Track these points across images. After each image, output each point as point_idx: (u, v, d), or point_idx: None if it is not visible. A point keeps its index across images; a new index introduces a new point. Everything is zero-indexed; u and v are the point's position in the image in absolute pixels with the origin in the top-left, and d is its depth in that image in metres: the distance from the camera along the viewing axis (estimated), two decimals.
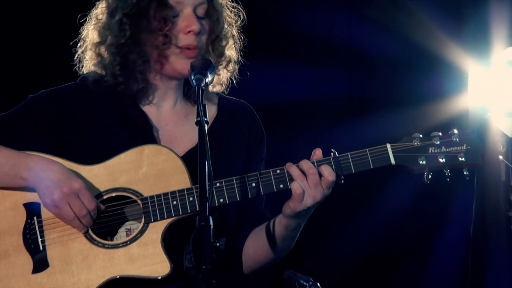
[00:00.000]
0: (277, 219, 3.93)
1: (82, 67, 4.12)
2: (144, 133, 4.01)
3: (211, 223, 3.26)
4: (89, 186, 3.85)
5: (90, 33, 4.09)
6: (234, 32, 4.15)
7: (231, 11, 4.16)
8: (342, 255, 6.50)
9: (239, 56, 4.16)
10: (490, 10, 5.99)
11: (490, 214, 6.08)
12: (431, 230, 6.42)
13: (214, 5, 4.04)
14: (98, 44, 4.05)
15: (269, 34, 4.18)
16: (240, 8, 4.18)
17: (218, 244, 3.24)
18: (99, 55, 4.04)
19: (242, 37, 4.18)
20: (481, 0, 6.04)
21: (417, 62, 6.21)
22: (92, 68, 4.08)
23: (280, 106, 6.22)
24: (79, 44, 4.12)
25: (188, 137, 4.05)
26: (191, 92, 4.12)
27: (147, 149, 3.89)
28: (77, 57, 4.13)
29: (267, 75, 4.19)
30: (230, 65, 4.14)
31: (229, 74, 4.16)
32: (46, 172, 3.81)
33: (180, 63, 3.97)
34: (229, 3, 4.16)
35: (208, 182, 3.35)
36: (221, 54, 4.09)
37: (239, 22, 4.17)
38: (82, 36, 4.11)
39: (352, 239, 6.50)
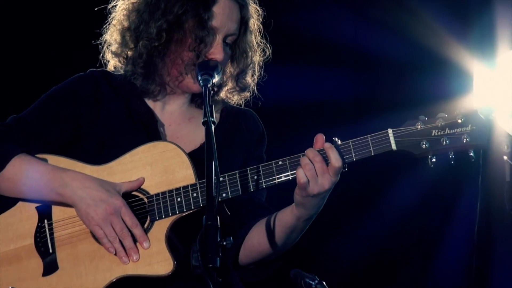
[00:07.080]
0: (289, 209, 3.86)
1: (104, 42, 4.12)
2: (149, 129, 4.02)
3: (218, 222, 3.24)
4: None
5: (119, 11, 4.08)
6: (256, 63, 4.18)
7: (258, 46, 4.17)
8: (347, 254, 6.49)
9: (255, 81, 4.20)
10: (495, 11, 5.98)
11: (494, 214, 6.06)
12: (435, 230, 6.42)
13: (246, 38, 4.08)
14: (126, 29, 4.04)
15: (274, 35, 4.19)
16: (268, 45, 4.20)
17: (224, 243, 3.23)
18: (124, 39, 4.05)
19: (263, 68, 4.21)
20: (486, 2, 6.05)
21: (423, 63, 6.21)
22: (114, 48, 4.08)
23: (285, 107, 6.23)
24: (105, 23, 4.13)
25: (190, 139, 4.06)
26: (197, 97, 4.15)
27: (158, 146, 3.88)
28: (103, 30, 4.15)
29: (271, 75, 4.20)
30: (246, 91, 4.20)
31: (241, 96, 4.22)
32: (85, 190, 3.79)
33: (195, 84, 4.00)
34: (258, 37, 4.17)
35: (215, 178, 3.33)
36: (244, 88, 4.15)
37: (263, 57, 4.19)
38: (110, 9, 4.12)
39: (356, 239, 6.49)
